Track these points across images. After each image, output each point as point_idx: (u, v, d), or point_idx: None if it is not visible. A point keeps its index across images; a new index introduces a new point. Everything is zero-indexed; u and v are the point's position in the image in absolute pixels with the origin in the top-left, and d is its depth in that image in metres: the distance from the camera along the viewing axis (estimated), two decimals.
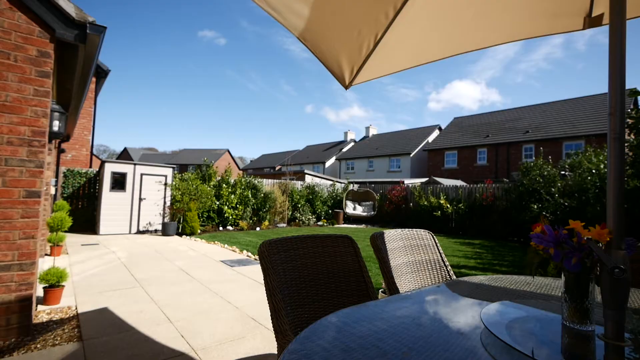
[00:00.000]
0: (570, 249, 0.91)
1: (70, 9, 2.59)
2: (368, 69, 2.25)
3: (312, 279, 1.49)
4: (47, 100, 2.56)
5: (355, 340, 0.87)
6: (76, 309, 3.05)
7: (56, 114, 2.89)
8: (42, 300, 3.09)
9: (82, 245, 6.78)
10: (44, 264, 4.69)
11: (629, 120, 4.12)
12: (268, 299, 1.27)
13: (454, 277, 1.93)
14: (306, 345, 0.83)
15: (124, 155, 53.77)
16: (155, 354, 2.26)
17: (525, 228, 9.38)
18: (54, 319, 2.82)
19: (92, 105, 10.49)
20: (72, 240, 7.40)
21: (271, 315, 1.25)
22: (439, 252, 2.03)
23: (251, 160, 55.91)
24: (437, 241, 2.06)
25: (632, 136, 4.37)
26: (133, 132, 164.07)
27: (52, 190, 6.45)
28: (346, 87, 2.39)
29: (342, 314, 1.07)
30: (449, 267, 1.99)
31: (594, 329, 0.90)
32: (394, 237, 1.92)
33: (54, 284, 3.07)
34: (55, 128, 2.90)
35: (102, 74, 10.59)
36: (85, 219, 9.27)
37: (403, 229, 2.01)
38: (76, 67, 3.22)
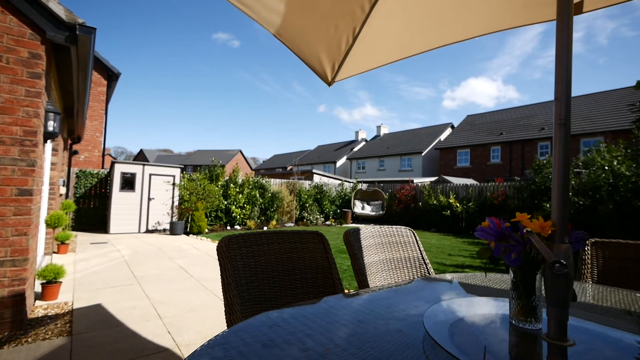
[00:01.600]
0: (514, 243, 0.86)
1: (60, 11, 2.65)
2: (350, 65, 2.22)
3: (277, 275, 1.47)
4: (39, 100, 2.62)
5: (283, 335, 0.84)
6: (72, 304, 3.12)
7: (51, 114, 2.95)
8: (40, 296, 3.18)
9: (92, 243, 6.96)
10: (51, 260, 4.83)
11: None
12: (223, 295, 1.26)
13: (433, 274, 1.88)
14: (229, 339, 0.81)
15: (140, 157, 55.05)
16: (139, 350, 2.28)
17: None
18: (50, 314, 2.89)
19: (104, 108, 10.77)
20: (83, 238, 7.61)
21: (225, 311, 1.23)
22: (419, 250, 1.98)
23: (263, 161, 56.37)
24: (417, 238, 2.01)
25: None
26: (150, 134, 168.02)
27: (62, 190, 6.65)
28: (329, 84, 2.37)
29: (288, 310, 1.05)
30: (429, 265, 1.93)
31: (542, 327, 0.85)
32: (370, 234, 1.88)
33: (51, 280, 3.15)
34: (50, 128, 2.96)
35: (113, 77, 10.85)
36: (97, 218, 9.53)
37: (382, 226, 1.97)
38: (72, 68, 3.30)
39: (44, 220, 3.60)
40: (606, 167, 6.07)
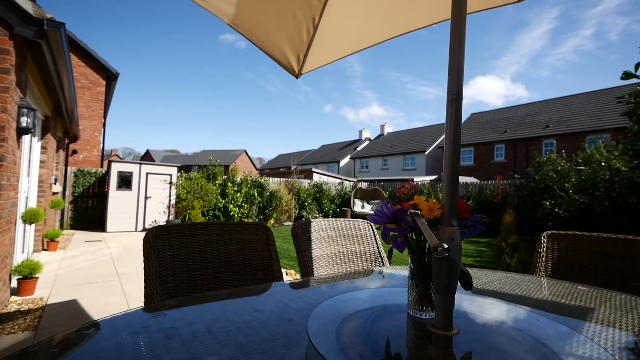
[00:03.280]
0: (406, 227, 0.81)
1: (27, 6, 2.65)
2: (315, 56, 2.17)
3: (212, 267, 1.43)
4: (7, 95, 2.63)
5: (161, 324, 0.80)
6: (47, 300, 3.13)
7: (24, 110, 2.96)
8: (16, 292, 3.20)
9: (86, 241, 7.02)
10: (38, 258, 4.87)
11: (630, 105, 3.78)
12: (144, 286, 1.23)
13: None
14: (102, 326, 0.77)
15: (147, 157, 55.63)
16: None
17: (537, 225, 8.94)
18: (23, 309, 2.90)
19: (103, 108, 10.88)
20: (79, 237, 7.68)
21: (144, 302, 1.20)
22: (376, 243, 1.92)
23: (268, 161, 56.54)
24: (375, 232, 1.96)
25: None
26: (158, 134, 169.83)
27: (55, 189, 6.71)
28: (297, 77, 2.32)
29: (190, 298, 1.01)
30: (385, 259, 1.88)
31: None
32: (324, 227, 1.83)
33: (26, 275, 3.16)
34: (24, 124, 2.97)
35: (111, 77, 10.95)
36: (95, 217, 9.61)
37: (338, 219, 1.92)
38: (48, 64, 3.31)
39: (21, 216, 3.62)
40: (603, 164, 5.92)
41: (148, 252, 1.28)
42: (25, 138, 4.17)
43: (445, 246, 0.70)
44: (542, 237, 1.62)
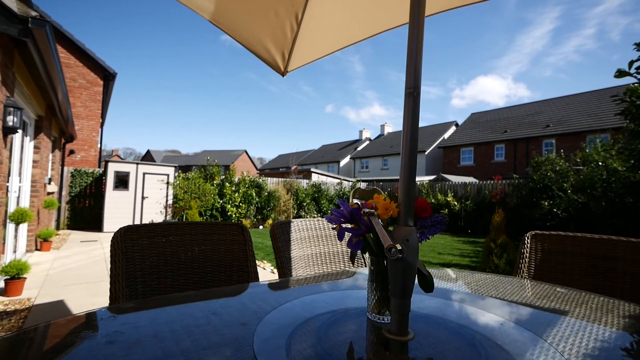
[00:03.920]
0: (364, 227, 0.77)
1: (12, 4, 2.62)
2: (301, 53, 2.14)
3: (184, 268, 1.40)
4: None
5: (107, 327, 0.77)
6: (34, 300, 3.10)
7: (11, 109, 2.94)
8: (3, 292, 3.17)
9: (81, 241, 7.00)
10: (31, 258, 4.85)
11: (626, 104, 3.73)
12: (110, 287, 1.19)
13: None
14: (43, 329, 0.74)
15: (147, 157, 55.69)
16: None
17: (535, 226, 8.88)
18: (8, 310, 2.87)
19: (100, 108, 10.86)
20: (75, 237, 7.67)
21: (109, 304, 1.17)
22: None
23: (269, 161, 56.54)
24: None
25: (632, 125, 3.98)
26: (160, 135, 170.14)
27: (50, 188, 6.70)
28: (283, 74, 2.29)
29: (147, 303, 0.98)
30: (367, 260, 1.84)
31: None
32: (303, 226, 1.79)
33: (14, 276, 3.13)
34: (10, 123, 2.95)
35: (109, 77, 10.94)
36: (92, 217, 9.60)
37: (319, 219, 1.88)
38: (35, 63, 3.28)
39: (8, 216, 3.59)
40: (600, 163, 5.87)
41: (115, 253, 1.24)
42: (16, 138, 4.15)
43: (399, 247, 0.67)
44: (526, 238, 1.58)
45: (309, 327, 0.75)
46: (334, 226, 0.80)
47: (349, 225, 0.80)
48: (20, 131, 4.26)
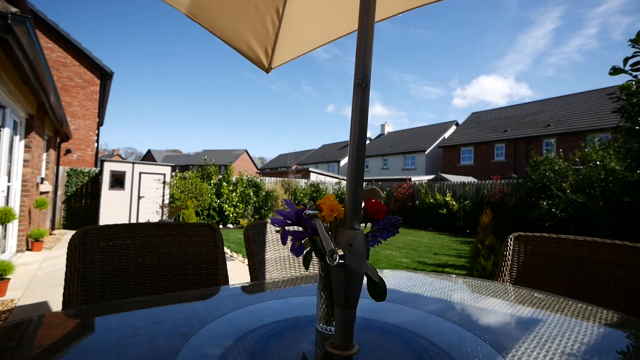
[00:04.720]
0: (309, 229, 0.71)
1: None
2: (284, 49, 2.08)
3: (149, 271, 1.34)
4: None
5: (29, 341, 0.71)
6: (17, 301, 3.05)
7: None
8: None
9: None
10: (20, 258, 4.81)
11: (621, 102, 3.65)
12: (64, 291, 1.14)
13: None
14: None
15: (148, 157, 55.74)
16: None
17: (534, 226, 8.80)
18: None
19: (97, 107, 10.82)
20: (70, 237, 7.63)
21: (62, 309, 1.11)
22: None
23: (269, 161, 56.54)
24: None
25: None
26: (161, 134, 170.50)
27: (43, 188, 6.66)
28: (267, 71, 2.22)
29: (90, 310, 0.92)
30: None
31: None
32: None
33: None
34: None
35: (106, 76, 10.90)
36: (88, 216, 9.56)
37: None
38: (20, 60, 3.23)
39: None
40: (598, 163, 5.80)
41: (72, 256, 1.19)
42: (3, 137, 4.11)
43: (340, 252, 0.61)
44: (509, 240, 1.51)
45: (249, 340, 0.69)
46: (278, 229, 0.74)
47: (296, 228, 0.74)
48: (7, 129, 4.21)
